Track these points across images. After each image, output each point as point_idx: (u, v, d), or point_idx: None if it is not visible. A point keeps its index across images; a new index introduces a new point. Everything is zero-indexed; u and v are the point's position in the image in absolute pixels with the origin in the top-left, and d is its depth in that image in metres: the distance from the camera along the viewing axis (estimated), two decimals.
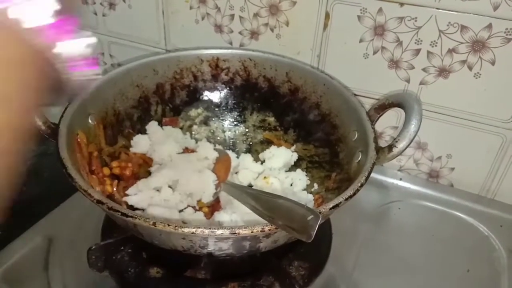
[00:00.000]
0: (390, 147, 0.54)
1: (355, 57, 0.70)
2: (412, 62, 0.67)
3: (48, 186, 0.67)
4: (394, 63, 0.69)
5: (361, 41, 0.69)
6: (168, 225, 0.42)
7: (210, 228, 0.42)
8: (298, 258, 0.59)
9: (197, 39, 0.80)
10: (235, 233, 0.42)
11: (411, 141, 0.53)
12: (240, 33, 0.77)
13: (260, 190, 0.52)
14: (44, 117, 0.55)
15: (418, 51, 0.66)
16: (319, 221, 0.39)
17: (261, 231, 0.43)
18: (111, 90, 0.67)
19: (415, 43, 0.66)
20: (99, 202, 0.45)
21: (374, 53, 0.69)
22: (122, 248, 0.58)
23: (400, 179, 0.76)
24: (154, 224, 0.43)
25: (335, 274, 0.60)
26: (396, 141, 0.53)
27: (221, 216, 0.58)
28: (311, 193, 0.65)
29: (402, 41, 0.66)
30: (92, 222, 0.64)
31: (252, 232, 0.43)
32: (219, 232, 0.42)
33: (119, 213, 0.44)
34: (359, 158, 0.58)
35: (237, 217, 0.57)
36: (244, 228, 0.43)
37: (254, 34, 0.76)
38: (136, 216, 0.43)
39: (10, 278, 0.57)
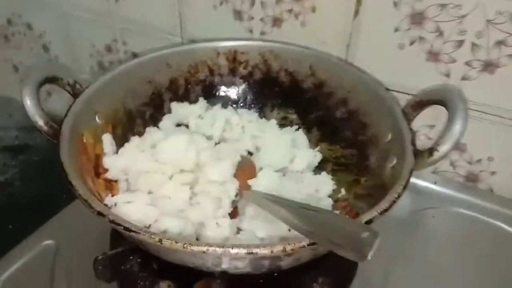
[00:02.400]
0: (431, 151, 0.47)
1: (389, 48, 0.63)
2: (453, 55, 0.61)
3: (54, 186, 0.62)
4: (433, 56, 0.62)
5: (396, 30, 0.62)
6: (176, 243, 0.37)
7: (223, 247, 0.37)
8: (323, 274, 0.53)
9: (214, 27, 0.74)
10: (252, 253, 0.37)
11: (455, 143, 0.47)
12: (261, 20, 0.71)
13: (298, 202, 0.46)
14: (46, 116, 0.51)
15: (461, 43, 0.59)
16: (377, 240, 0.33)
17: (282, 250, 0.37)
18: (120, 87, 0.62)
19: (458, 33, 0.59)
20: (100, 214, 0.40)
21: (411, 43, 0.62)
22: (131, 257, 0.53)
23: (435, 183, 0.69)
24: (160, 241, 0.38)
25: None
26: (438, 144, 0.47)
27: (241, 225, 0.52)
28: (337, 200, 0.59)
29: (443, 31, 0.59)
30: (101, 225, 0.59)
31: (272, 252, 0.37)
32: (233, 251, 0.37)
33: (122, 227, 0.39)
34: (394, 163, 0.51)
35: (258, 226, 0.51)
36: (263, 247, 0.37)
37: (276, 21, 0.70)
38: (140, 232, 0.38)
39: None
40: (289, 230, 0.49)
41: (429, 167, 0.64)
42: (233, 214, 0.56)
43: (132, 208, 0.50)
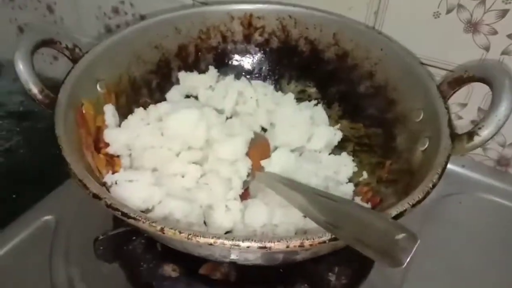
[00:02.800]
0: (471, 135, 0.42)
1: (422, 16, 0.57)
2: (495, 25, 0.54)
3: (58, 156, 0.58)
4: (472, 26, 0.55)
5: None
6: (180, 233, 0.33)
7: (232, 240, 0.33)
8: (339, 263, 0.48)
9: None
10: (265, 247, 0.33)
11: (500, 128, 0.41)
12: None
13: (318, 189, 0.41)
14: (40, 84, 0.46)
15: (505, 12, 0.53)
16: (416, 245, 0.29)
17: (299, 246, 0.33)
18: (124, 52, 0.57)
19: (503, 1, 0.53)
20: (95, 196, 0.36)
21: (448, 12, 0.56)
22: (135, 238, 0.50)
23: (463, 166, 0.64)
24: (162, 230, 0.33)
25: (380, 284, 0.50)
26: (480, 128, 0.42)
27: (252, 208, 0.48)
28: (357, 183, 0.54)
29: None
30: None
31: (287, 247, 0.33)
32: (244, 244, 0.33)
33: (120, 213, 0.35)
34: (426, 146, 0.46)
35: (272, 210, 0.47)
36: (278, 241, 0.33)
37: None
38: (140, 218, 0.34)
39: (6, 265, 0.52)
40: (305, 216, 0.44)
41: None
42: (244, 195, 0.51)
43: (134, 188, 0.46)
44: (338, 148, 0.59)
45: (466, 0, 0.54)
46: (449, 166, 0.61)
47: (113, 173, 0.48)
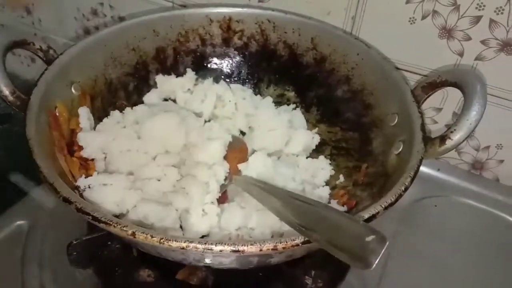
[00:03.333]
0: (443, 139, 0.43)
1: (398, 21, 0.58)
2: (469, 32, 0.55)
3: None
4: (447, 32, 0.56)
5: (408, 2, 0.56)
6: (152, 237, 0.33)
7: (205, 244, 0.32)
8: (316, 266, 0.49)
9: None
10: (238, 251, 0.32)
11: (471, 131, 0.42)
12: None
13: (293, 192, 0.41)
14: (12, 85, 0.45)
15: (478, 19, 0.54)
16: (384, 247, 0.29)
17: (273, 249, 0.33)
18: (101, 54, 0.56)
19: (476, 8, 0.54)
20: (66, 200, 0.35)
21: (423, 18, 0.56)
22: (109, 243, 0.50)
23: (438, 170, 0.65)
24: (133, 234, 0.33)
25: (357, 287, 0.51)
26: (452, 132, 0.43)
27: (228, 212, 0.47)
28: (334, 186, 0.54)
29: (460, 4, 0.54)
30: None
31: (261, 250, 0.32)
32: (217, 248, 0.33)
33: (90, 217, 0.34)
34: (400, 150, 0.47)
35: (248, 214, 0.47)
36: (251, 244, 0.33)
37: None
38: (111, 223, 0.34)
39: None
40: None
41: None
42: (222, 199, 0.51)
43: (108, 191, 0.45)
44: (316, 152, 0.59)
45: (440, 6, 0.55)
46: (424, 169, 0.64)
47: (86, 177, 0.47)
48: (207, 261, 0.37)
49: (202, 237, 0.46)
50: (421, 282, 0.52)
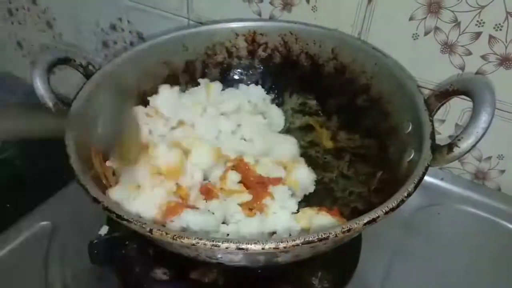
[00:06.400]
0: (451, 147, 0.44)
1: (402, 37, 0.60)
2: (469, 47, 0.57)
3: (54, 166, 0.54)
4: (448, 47, 0.58)
5: (411, 18, 0.58)
6: (166, 234, 0.36)
7: (213, 241, 0.36)
8: (323, 267, 0.50)
9: (222, 8, 0.71)
10: (242, 249, 0.35)
11: (479, 140, 0.42)
12: (270, 3, 0.67)
13: None
14: (55, 99, 0.51)
15: (478, 35, 0.55)
16: None
17: (274, 248, 0.35)
18: (134, 69, 0.61)
19: (476, 25, 0.55)
20: (95, 200, 0.40)
21: (426, 34, 0.58)
22: (128, 242, 0.53)
23: (442, 179, 0.66)
24: (151, 231, 0.37)
25: None
26: (459, 139, 0.43)
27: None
28: (351, 192, 0.56)
29: (461, 21, 0.55)
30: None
31: (263, 249, 0.35)
32: (223, 245, 0.36)
33: (115, 215, 0.38)
34: (411, 157, 0.48)
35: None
36: (254, 243, 0.35)
37: (286, 5, 0.66)
38: (132, 220, 0.38)
39: (3, 269, 0.53)
40: None
41: None
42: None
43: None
44: (336, 158, 0.61)
45: (443, 23, 0.56)
46: (428, 179, 0.64)
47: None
48: (219, 256, 0.40)
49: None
50: (423, 287, 0.53)
